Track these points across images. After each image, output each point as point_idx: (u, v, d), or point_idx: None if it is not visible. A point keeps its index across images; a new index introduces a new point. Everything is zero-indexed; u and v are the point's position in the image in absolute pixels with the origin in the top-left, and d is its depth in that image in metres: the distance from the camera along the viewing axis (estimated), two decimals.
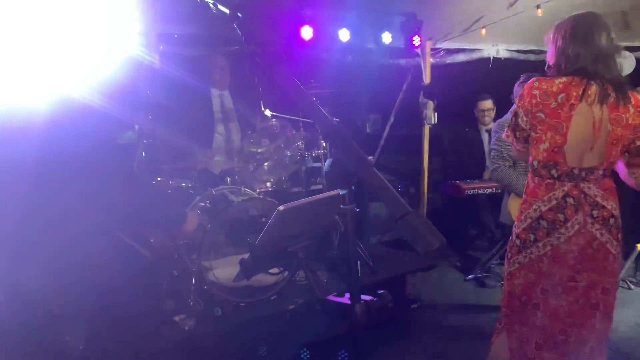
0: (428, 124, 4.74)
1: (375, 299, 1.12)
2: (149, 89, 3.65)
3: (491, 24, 4.43)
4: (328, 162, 3.17)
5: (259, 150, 3.13)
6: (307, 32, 3.80)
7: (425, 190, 5.00)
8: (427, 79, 4.89)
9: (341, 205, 1.13)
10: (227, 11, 1.26)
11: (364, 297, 1.13)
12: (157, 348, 2.40)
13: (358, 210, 1.14)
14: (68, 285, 1.64)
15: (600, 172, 1.90)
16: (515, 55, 5.24)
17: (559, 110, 1.85)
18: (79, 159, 1.54)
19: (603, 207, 1.89)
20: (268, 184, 3.26)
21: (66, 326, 1.77)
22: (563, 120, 1.85)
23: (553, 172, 1.90)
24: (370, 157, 5.88)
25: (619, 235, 1.93)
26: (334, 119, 3.73)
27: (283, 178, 3.32)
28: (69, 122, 1.49)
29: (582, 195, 1.87)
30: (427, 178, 5.00)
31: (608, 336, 2.00)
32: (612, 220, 1.90)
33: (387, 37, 4.23)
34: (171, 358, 2.61)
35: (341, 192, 1.11)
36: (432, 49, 4.88)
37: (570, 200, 1.87)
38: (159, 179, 3.06)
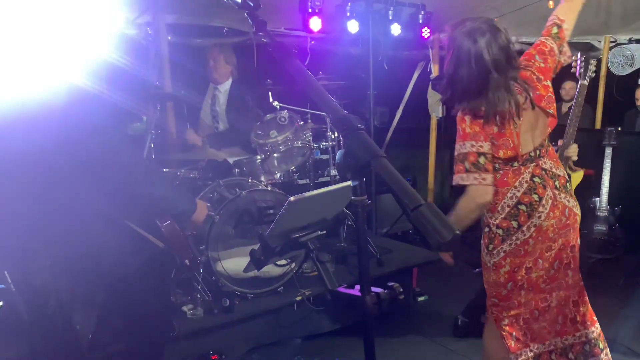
0: (435, 116, 4.72)
1: (385, 290, 1.11)
2: (158, 80, 3.66)
3: (501, 16, 4.40)
4: (340, 152, 3.14)
5: (267, 142, 3.12)
6: (315, 24, 3.77)
7: (432, 183, 4.99)
8: (435, 71, 4.86)
9: (352, 197, 1.12)
10: (239, 0, 1.25)
11: (374, 289, 1.13)
12: (166, 337, 2.42)
13: (369, 202, 1.12)
14: (78, 274, 1.65)
15: (546, 143, 1.99)
16: (526, 47, 5.17)
17: None
18: (91, 149, 1.54)
19: (559, 175, 1.99)
20: (276, 176, 3.26)
21: (76, 314, 1.79)
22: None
23: (515, 164, 1.96)
24: None
25: (573, 194, 2.04)
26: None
27: (291, 170, 3.32)
28: (80, 112, 1.49)
29: (543, 172, 1.96)
30: (434, 171, 4.98)
31: (583, 286, 2.08)
32: (568, 185, 2.02)
33: (396, 29, 4.19)
34: (179, 348, 2.63)
35: (352, 183, 1.10)
36: (440, 41, 4.85)
37: (536, 179, 1.95)
38: (166, 170, 3.06)
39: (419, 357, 2.94)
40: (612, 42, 5.33)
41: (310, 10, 3.70)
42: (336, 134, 3.61)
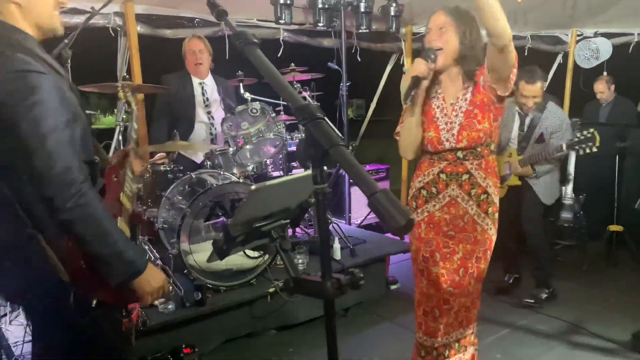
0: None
1: (346, 276, 1.13)
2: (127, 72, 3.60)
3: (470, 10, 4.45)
4: (299, 140, 3.17)
5: (239, 134, 3.12)
6: (287, 15, 3.76)
7: (406, 173, 5.05)
8: (408, 63, 4.90)
9: (313, 185, 1.13)
10: None
11: (335, 275, 1.15)
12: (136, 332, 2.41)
13: (330, 190, 1.14)
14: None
15: (478, 150, 2.05)
16: None
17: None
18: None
19: (479, 184, 2.07)
20: (249, 168, 3.26)
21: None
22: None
23: (434, 157, 2.11)
24: (353, 142, 5.92)
25: (490, 210, 2.10)
26: (313, 101, 3.72)
27: (264, 162, 3.32)
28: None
29: (458, 172, 2.06)
30: (408, 161, 5.03)
31: (480, 293, 2.23)
32: (483, 196, 2.08)
33: (368, 21, 4.21)
34: (152, 342, 2.62)
35: (313, 172, 1.12)
36: (413, 34, 4.89)
37: (442, 176, 2.08)
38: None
39: (391, 344, 2.98)
40: (578, 35, 5.46)
41: (282, 1, 3.68)
42: None
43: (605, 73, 5.25)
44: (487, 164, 2.08)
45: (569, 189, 4.00)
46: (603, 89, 4.83)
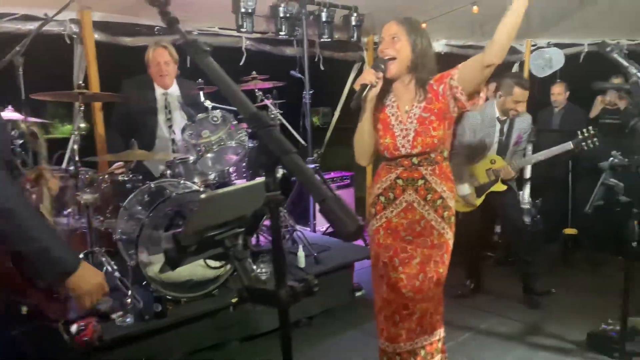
0: None
1: (300, 283, 1.13)
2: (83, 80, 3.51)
3: (431, 19, 4.56)
4: (250, 148, 3.15)
5: (200, 142, 3.08)
6: (249, 24, 3.76)
7: (370, 180, 5.09)
8: None
9: (266, 193, 1.13)
10: None
11: (290, 282, 1.15)
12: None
13: (283, 197, 1.14)
14: None
15: (432, 156, 2.10)
16: (455, 50, 5.41)
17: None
18: None
19: (435, 190, 2.12)
20: (210, 177, 3.22)
21: None
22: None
23: (391, 163, 2.16)
24: (317, 150, 5.93)
25: (445, 214, 2.14)
26: (275, 110, 3.70)
27: (226, 170, 3.28)
28: None
29: (414, 178, 2.11)
30: (372, 168, 5.08)
31: (442, 299, 2.26)
32: (439, 201, 2.13)
33: (330, 30, 4.25)
34: (110, 357, 2.54)
35: (265, 179, 1.12)
36: (375, 43, 4.97)
37: (399, 181, 2.13)
38: (89, 173, 2.95)
39: (356, 351, 2.98)
40: (533, 45, 5.68)
41: (243, 10, 3.68)
42: None
43: (558, 81, 5.46)
44: (441, 169, 2.13)
45: (526, 194, 4.12)
46: (560, 91, 5.02)
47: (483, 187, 3.52)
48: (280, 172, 1.11)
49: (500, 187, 3.52)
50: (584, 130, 3.39)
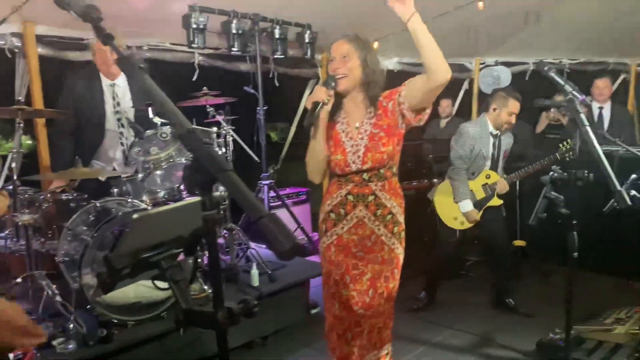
0: None
1: (239, 304, 1.10)
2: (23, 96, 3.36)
3: (383, 37, 4.66)
4: (185, 166, 3.05)
5: (148, 159, 3.00)
6: (200, 40, 3.72)
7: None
8: None
9: (202, 212, 1.10)
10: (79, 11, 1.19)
11: (227, 304, 1.11)
12: None
13: (221, 215, 1.12)
14: None
15: (382, 171, 2.12)
16: (407, 67, 5.54)
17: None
18: None
19: (385, 205, 2.14)
20: (159, 194, 3.13)
21: None
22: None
23: (342, 179, 2.16)
24: (274, 165, 5.89)
25: (395, 229, 2.17)
26: (227, 126, 3.63)
27: (176, 187, 3.20)
28: None
29: (364, 194, 2.12)
30: None
31: (392, 313, 2.26)
32: (388, 217, 2.15)
33: (283, 47, 4.27)
34: None
35: (201, 198, 1.09)
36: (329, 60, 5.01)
37: (350, 197, 2.13)
38: (29, 193, 2.82)
39: None
40: (481, 63, 5.90)
41: (194, 26, 3.64)
42: (224, 150, 3.57)
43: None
44: (390, 185, 2.16)
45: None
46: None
47: (481, 202, 3.56)
48: None
49: (497, 201, 3.57)
50: (565, 142, 3.47)
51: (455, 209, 3.52)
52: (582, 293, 3.82)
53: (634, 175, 3.03)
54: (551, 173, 2.60)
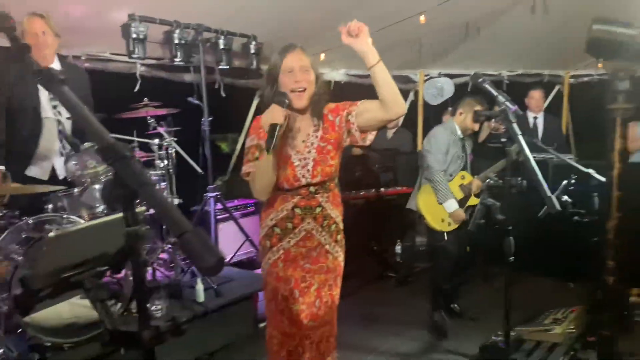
0: None
1: (168, 322, 1.07)
2: None
3: (329, 50, 4.71)
4: (105, 181, 2.92)
5: (85, 173, 2.88)
6: (140, 50, 3.63)
7: None
8: None
9: (125, 228, 1.06)
10: None
11: (155, 322, 1.08)
12: None
13: (145, 229, 1.08)
14: None
15: (327, 184, 2.13)
16: (354, 79, 5.62)
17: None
18: None
19: (330, 217, 2.14)
20: (98, 210, 3.01)
21: None
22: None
23: (288, 193, 2.11)
24: (222, 177, 5.81)
25: (339, 237, 2.20)
26: (169, 138, 3.53)
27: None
28: None
29: (311, 206, 2.10)
30: None
31: (336, 321, 2.26)
32: (333, 227, 2.17)
33: (229, 58, 4.24)
34: None
35: (123, 213, 1.05)
36: None
37: (297, 210, 2.10)
38: None
39: None
40: (425, 75, 6.07)
41: (134, 36, 3.55)
42: (166, 162, 3.49)
43: (450, 109, 5.87)
44: (334, 196, 2.17)
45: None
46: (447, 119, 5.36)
47: (461, 202, 3.57)
48: None
49: (475, 200, 3.58)
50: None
51: (441, 211, 3.53)
52: (523, 295, 3.98)
53: (565, 181, 3.19)
54: (487, 180, 2.70)
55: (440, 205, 3.50)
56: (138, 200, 1.14)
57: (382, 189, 4.68)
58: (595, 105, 2.07)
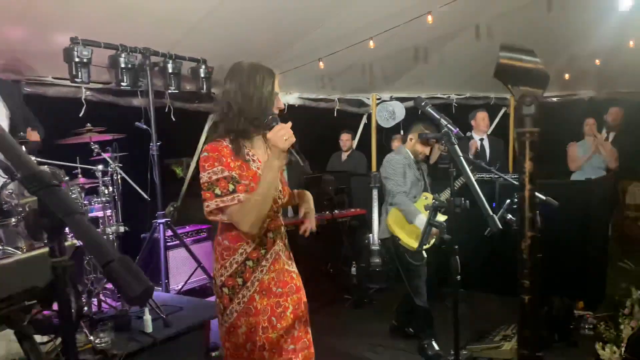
0: None
1: (97, 356, 1.01)
2: None
3: (282, 73, 4.75)
4: (29, 211, 2.83)
5: (22, 202, 2.75)
6: (84, 74, 3.54)
7: None
8: None
9: (51, 259, 1.01)
10: None
11: (84, 357, 1.02)
12: None
13: (72, 262, 1.04)
14: None
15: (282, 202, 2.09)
16: (307, 102, 5.68)
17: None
18: None
19: (286, 234, 2.09)
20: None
21: None
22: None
23: None
24: (174, 203, 5.68)
25: (290, 254, 2.11)
26: (114, 164, 3.42)
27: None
28: None
29: (278, 226, 2.03)
30: None
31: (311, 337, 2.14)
32: (287, 244, 2.10)
33: (178, 82, 4.19)
34: None
35: (49, 245, 1.00)
36: None
37: (270, 234, 1.98)
38: None
39: None
40: (378, 99, 6.21)
41: (77, 60, 3.46)
42: (111, 189, 3.38)
43: (402, 132, 6.01)
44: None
45: (375, 236, 4.35)
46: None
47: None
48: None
49: (441, 217, 3.51)
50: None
51: (414, 228, 3.54)
52: (476, 313, 4.06)
53: (508, 200, 3.29)
54: (433, 201, 2.76)
55: (412, 225, 3.53)
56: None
57: (335, 211, 4.70)
58: (538, 126, 2.17)
